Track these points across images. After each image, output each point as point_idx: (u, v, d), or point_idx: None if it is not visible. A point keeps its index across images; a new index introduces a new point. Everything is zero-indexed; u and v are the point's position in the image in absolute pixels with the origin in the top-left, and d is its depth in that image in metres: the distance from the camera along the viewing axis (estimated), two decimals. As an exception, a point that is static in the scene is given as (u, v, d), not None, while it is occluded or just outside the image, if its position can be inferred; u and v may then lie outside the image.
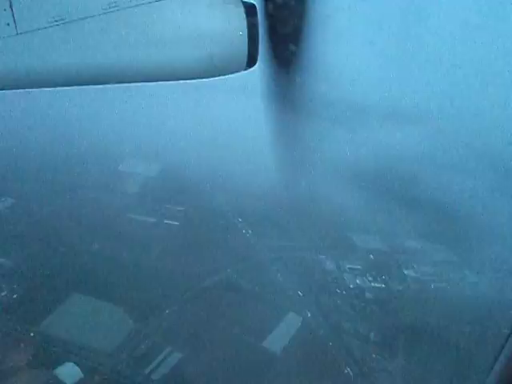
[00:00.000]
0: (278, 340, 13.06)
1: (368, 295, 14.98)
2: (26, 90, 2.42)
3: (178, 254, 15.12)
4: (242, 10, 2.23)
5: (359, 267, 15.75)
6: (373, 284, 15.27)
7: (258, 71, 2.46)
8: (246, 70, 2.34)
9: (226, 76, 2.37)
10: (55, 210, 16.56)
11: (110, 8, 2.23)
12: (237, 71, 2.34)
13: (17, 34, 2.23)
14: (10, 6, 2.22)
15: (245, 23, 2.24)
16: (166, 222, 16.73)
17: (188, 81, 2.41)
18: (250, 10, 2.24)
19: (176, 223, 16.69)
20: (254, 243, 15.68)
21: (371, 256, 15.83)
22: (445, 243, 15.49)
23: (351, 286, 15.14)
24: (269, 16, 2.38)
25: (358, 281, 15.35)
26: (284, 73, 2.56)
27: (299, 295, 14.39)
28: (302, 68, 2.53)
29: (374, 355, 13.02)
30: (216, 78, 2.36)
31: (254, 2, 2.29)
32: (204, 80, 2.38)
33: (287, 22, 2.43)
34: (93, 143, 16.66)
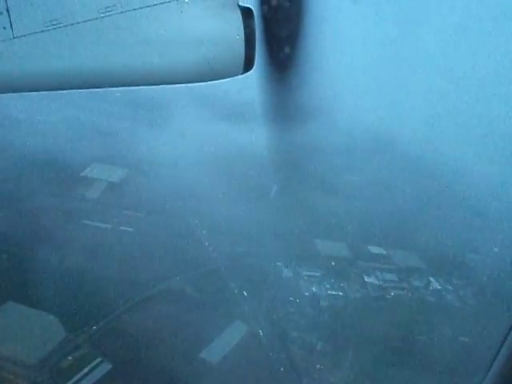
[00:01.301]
0: (216, 351, 12.85)
1: (323, 303, 14.90)
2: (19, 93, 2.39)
3: (126, 261, 14.72)
4: (238, 13, 2.28)
5: (318, 274, 15.71)
6: (329, 292, 15.22)
7: (255, 75, 2.51)
8: (242, 73, 2.38)
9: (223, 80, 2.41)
10: (5, 217, 15.83)
11: (106, 12, 2.24)
12: (233, 75, 2.39)
13: (13, 37, 2.21)
14: (7, 10, 2.20)
15: (241, 27, 2.28)
16: (120, 228, 16.31)
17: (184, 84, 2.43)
18: (247, 14, 2.29)
19: (131, 229, 16.30)
20: (209, 250, 15.48)
21: (332, 263, 15.84)
22: (411, 249, 15.62)
23: (306, 294, 15.08)
24: (265, 20, 2.44)
25: (314, 288, 15.28)
26: (280, 76, 2.63)
27: (249, 303, 14.28)
28: (298, 72, 2.61)
29: (318, 366, 13.03)
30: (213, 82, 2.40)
31: (251, 6, 2.34)
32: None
33: (284, 25, 2.50)
34: (56, 148, 16.09)
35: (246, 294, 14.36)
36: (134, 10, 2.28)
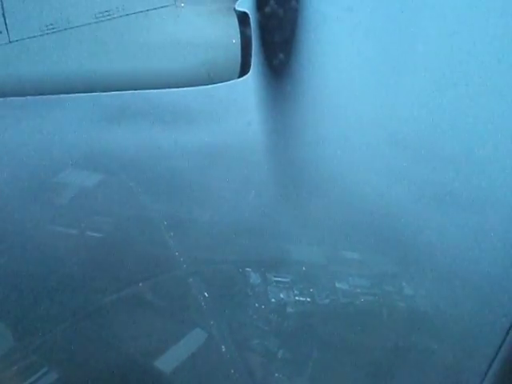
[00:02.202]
0: (170, 359, 12.56)
1: (289, 310, 14.66)
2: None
3: (88, 267, 14.21)
4: (234, 18, 2.32)
5: (287, 280, 15.45)
6: (297, 298, 14.98)
7: (251, 79, 2.54)
8: (239, 78, 2.41)
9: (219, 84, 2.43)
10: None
11: (102, 16, 2.24)
12: (230, 79, 2.42)
13: (9, 41, 2.18)
14: (3, 14, 2.17)
15: (238, 31, 2.31)
16: (88, 233, 15.75)
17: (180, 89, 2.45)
18: (243, 18, 2.33)
19: (99, 235, 15.76)
20: (176, 255, 15.12)
21: (303, 268, 15.64)
22: (385, 254, 15.57)
23: (273, 300, 14.82)
24: (262, 24, 2.48)
25: (281, 294, 15.00)
26: (277, 81, 2.66)
27: (212, 310, 14.04)
28: (294, 76, 2.66)
29: (276, 374, 12.91)
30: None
31: (247, 11, 2.37)
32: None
33: (280, 30, 2.55)
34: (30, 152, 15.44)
35: (209, 300, 14.14)
36: (131, 14, 2.28)
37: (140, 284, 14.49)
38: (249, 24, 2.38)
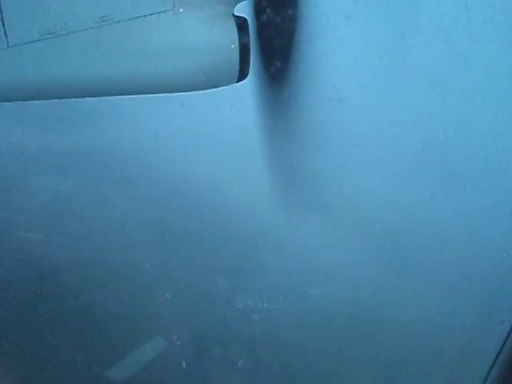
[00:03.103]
0: (126, 368, 12.33)
1: (255, 317, 14.51)
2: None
3: (48, 274, 13.99)
4: (233, 23, 2.32)
5: (257, 287, 15.29)
6: (265, 305, 14.81)
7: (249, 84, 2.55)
8: (237, 82, 2.42)
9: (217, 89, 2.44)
10: None
11: (101, 21, 2.24)
12: (228, 84, 2.42)
13: (8, 46, 2.18)
14: (1, 19, 2.17)
15: (236, 36, 2.32)
16: (55, 239, 15.57)
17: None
18: (242, 24, 2.34)
19: (67, 241, 15.55)
20: (143, 262, 14.93)
21: (276, 274, 15.52)
22: (360, 260, 15.47)
23: (239, 307, 14.60)
24: (260, 30, 2.50)
25: (249, 301, 14.86)
26: (275, 86, 2.68)
27: (175, 318, 13.85)
28: (293, 82, 2.67)
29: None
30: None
31: (245, 16, 2.38)
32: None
33: (279, 35, 2.56)
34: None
35: (173, 307, 13.99)
36: (130, 19, 2.29)
37: (99, 290, 14.29)
38: (247, 29, 2.39)
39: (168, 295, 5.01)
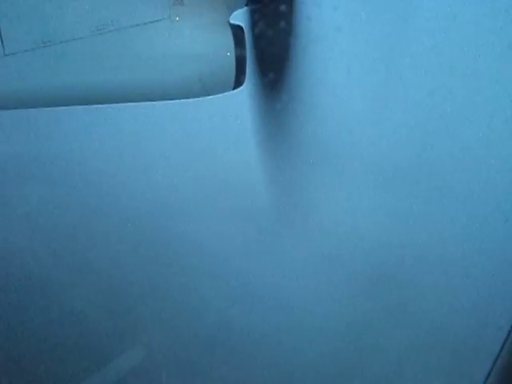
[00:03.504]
0: (105, 378, 12.00)
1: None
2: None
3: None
4: (229, 31, 2.35)
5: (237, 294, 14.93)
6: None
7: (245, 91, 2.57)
8: (233, 90, 2.44)
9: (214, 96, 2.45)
10: None
11: (98, 30, 2.26)
12: (224, 91, 2.44)
13: (4, 55, 2.19)
14: None
15: (232, 44, 2.34)
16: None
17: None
18: (237, 32, 2.36)
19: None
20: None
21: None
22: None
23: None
24: (256, 37, 2.52)
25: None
26: (271, 94, 2.70)
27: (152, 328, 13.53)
28: (288, 89, 2.69)
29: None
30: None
31: (241, 24, 2.40)
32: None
33: (274, 42, 2.59)
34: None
35: (151, 316, 13.76)
36: (126, 28, 2.30)
37: (78, 299, 14.07)
38: (243, 37, 2.42)
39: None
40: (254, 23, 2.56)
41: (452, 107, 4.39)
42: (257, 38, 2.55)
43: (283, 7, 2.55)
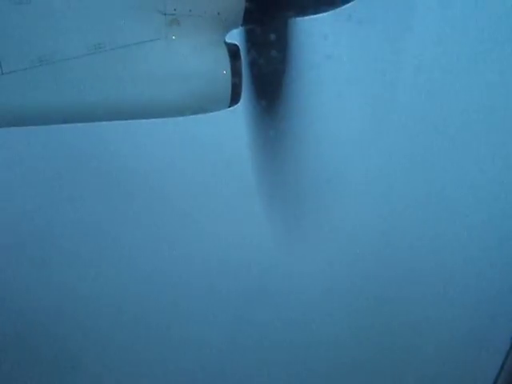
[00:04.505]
0: None
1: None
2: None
3: None
4: (225, 50, 2.37)
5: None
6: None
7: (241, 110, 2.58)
8: (229, 107, 2.45)
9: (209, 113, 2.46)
10: None
11: (95, 49, 2.27)
12: (220, 109, 2.45)
13: (2, 73, 2.19)
14: None
15: (228, 62, 2.36)
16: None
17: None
18: (233, 50, 2.39)
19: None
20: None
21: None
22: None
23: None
24: (251, 56, 2.55)
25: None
26: (266, 113, 2.71)
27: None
28: (284, 109, 2.71)
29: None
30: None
31: (237, 43, 2.43)
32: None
33: (269, 62, 2.61)
34: None
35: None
36: (123, 47, 2.31)
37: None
38: (239, 55, 2.44)
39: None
40: (249, 43, 2.58)
41: (439, 130, 4.46)
42: (252, 58, 2.56)
43: (278, 27, 2.58)
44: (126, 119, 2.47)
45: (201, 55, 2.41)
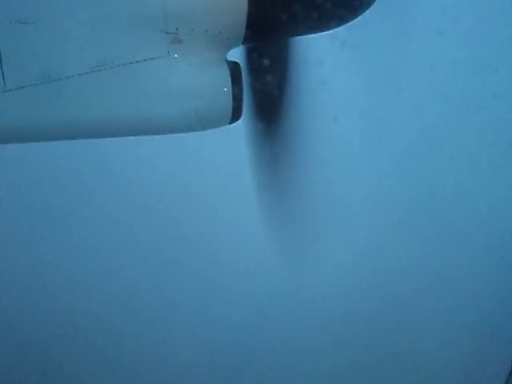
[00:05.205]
0: None
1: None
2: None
3: None
4: (226, 67, 2.40)
5: None
6: None
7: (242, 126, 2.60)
8: (230, 124, 2.47)
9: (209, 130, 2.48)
10: None
11: (97, 67, 2.29)
12: (221, 125, 2.47)
13: (5, 90, 2.20)
14: (0, 63, 2.20)
15: (229, 80, 2.39)
16: None
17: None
18: (234, 68, 2.42)
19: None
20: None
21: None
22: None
23: None
24: (252, 74, 2.57)
25: None
26: (266, 132, 2.73)
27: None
28: (283, 129, 2.73)
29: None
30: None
31: (238, 61, 2.46)
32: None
33: (270, 79, 2.64)
34: None
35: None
36: (125, 65, 2.33)
37: None
38: (240, 73, 2.47)
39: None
40: (250, 60, 2.61)
41: (435, 154, 4.49)
42: (253, 75, 2.60)
43: (279, 46, 2.61)
44: (128, 136, 2.49)
45: (202, 73, 2.43)
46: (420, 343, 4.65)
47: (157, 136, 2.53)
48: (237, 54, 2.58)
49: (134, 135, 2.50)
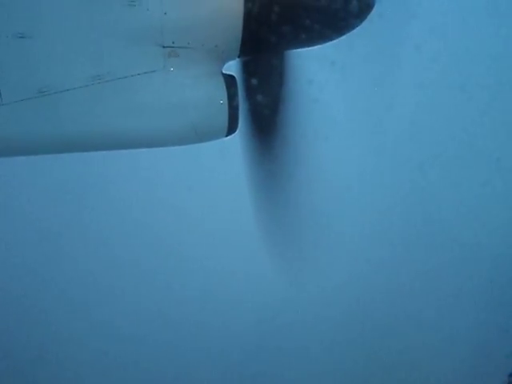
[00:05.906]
0: None
1: None
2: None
3: None
4: (222, 80, 2.41)
5: None
6: None
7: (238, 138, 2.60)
8: (226, 136, 2.47)
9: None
10: None
11: (94, 80, 2.29)
12: (217, 138, 2.47)
13: (2, 104, 2.19)
14: None
15: (225, 93, 2.39)
16: None
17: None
18: (230, 81, 2.42)
19: None
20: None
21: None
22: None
23: None
24: (248, 86, 2.58)
25: None
26: (262, 141, 2.73)
27: None
28: (280, 138, 2.73)
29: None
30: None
31: (233, 74, 2.47)
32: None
33: (266, 92, 2.65)
34: None
35: None
36: (122, 78, 2.33)
37: None
38: (235, 86, 2.48)
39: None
40: (245, 74, 2.62)
41: (426, 168, 4.52)
42: (248, 88, 2.60)
43: (274, 59, 2.63)
44: (124, 148, 2.48)
45: (198, 86, 2.44)
46: (417, 361, 4.62)
47: (153, 149, 2.52)
48: (232, 68, 2.58)
49: (131, 148, 2.49)
